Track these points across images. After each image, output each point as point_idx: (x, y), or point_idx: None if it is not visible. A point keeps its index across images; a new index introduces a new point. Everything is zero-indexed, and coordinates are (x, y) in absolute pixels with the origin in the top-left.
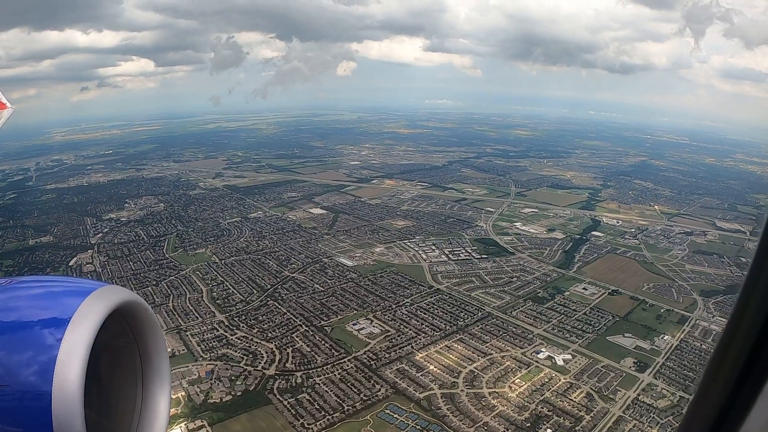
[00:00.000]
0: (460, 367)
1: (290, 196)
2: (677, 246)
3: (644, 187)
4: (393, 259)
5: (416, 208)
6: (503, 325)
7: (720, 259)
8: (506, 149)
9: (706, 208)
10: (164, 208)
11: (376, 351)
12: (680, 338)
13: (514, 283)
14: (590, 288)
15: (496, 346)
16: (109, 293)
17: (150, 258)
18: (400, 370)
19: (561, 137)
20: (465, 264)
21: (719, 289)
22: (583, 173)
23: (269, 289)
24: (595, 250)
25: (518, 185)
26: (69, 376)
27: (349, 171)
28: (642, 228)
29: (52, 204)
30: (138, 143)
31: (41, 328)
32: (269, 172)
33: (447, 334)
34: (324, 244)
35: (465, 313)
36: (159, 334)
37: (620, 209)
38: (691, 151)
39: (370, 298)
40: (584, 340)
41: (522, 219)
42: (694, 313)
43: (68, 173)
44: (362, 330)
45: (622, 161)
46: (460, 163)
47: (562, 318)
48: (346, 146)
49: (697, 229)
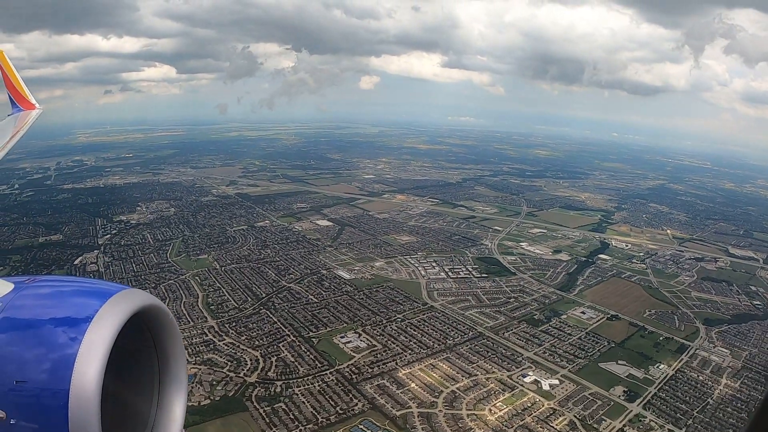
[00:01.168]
0: (442, 387)
1: (299, 206)
2: (685, 272)
3: (659, 211)
4: (392, 274)
5: (423, 224)
6: (493, 347)
7: (729, 287)
8: (523, 168)
9: (721, 234)
10: (174, 213)
11: (359, 365)
12: (676, 368)
13: (511, 303)
14: (589, 312)
15: (483, 367)
16: (131, 296)
17: (153, 261)
18: (380, 385)
19: (581, 158)
20: (463, 282)
21: (724, 318)
22: (598, 195)
23: (264, 298)
24: (600, 273)
25: (530, 205)
26: (87, 376)
27: (362, 184)
28: (651, 252)
29: (66, 204)
30: (159, 148)
31: (62, 328)
32: (283, 182)
33: (434, 352)
34: (325, 256)
35: (456, 332)
36: (178, 341)
37: (631, 232)
38: (711, 175)
39: (362, 312)
40: (575, 365)
41: (529, 239)
42: (695, 342)
43: (87, 174)
44: (349, 343)
45: (639, 184)
46: (475, 180)
47: (555, 342)
48: (362, 160)
49: (709, 255)
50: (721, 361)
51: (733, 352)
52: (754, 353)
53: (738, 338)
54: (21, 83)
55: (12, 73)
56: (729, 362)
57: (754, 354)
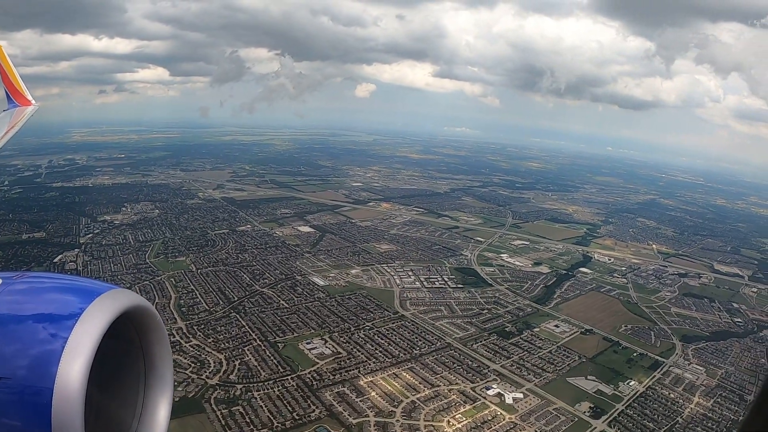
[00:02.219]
0: (403, 397)
1: (283, 212)
2: (667, 287)
3: (647, 226)
4: (366, 282)
5: (405, 233)
6: (459, 358)
7: (710, 304)
8: (514, 180)
9: (707, 250)
10: (158, 215)
11: (321, 372)
12: (647, 385)
13: (484, 315)
14: (562, 325)
15: (447, 378)
16: (119, 296)
17: (131, 261)
18: (340, 393)
19: (573, 171)
20: (438, 292)
21: (702, 335)
22: (586, 208)
23: (235, 302)
24: (579, 286)
25: (516, 216)
26: (72, 374)
27: (349, 192)
28: (634, 267)
29: (53, 202)
30: (152, 150)
31: (48, 325)
32: (270, 188)
33: (399, 361)
34: (302, 262)
35: (423, 342)
36: (165, 342)
37: (616, 246)
38: (703, 191)
39: (331, 318)
40: (542, 379)
41: (510, 251)
42: (670, 358)
43: (77, 173)
44: (314, 349)
45: (629, 198)
46: (463, 191)
47: (524, 355)
48: (353, 167)
49: (693, 271)
50: (695, 379)
51: (708, 369)
52: (730, 371)
53: (715, 356)
54: (18, 79)
55: (9, 69)
56: (703, 380)
57: (730, 372)
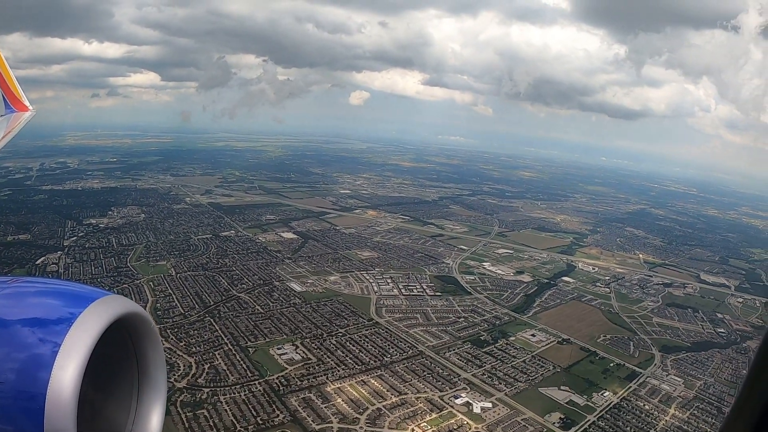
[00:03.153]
0: (369, 404)
1: (268, 218)
2: (650, 297)
3: (635, 235)
4: (344, 288)
5: (388, 241)
6: (430, 366)
7: (694, 314)
8: (504, 189)
9: (695, 259)
10: (143, 219)
11: (289, 377)
12: (622, 396)
13: (460, 323)
14: (539, 335)
15: (415, 386)
16: (114, 303)
17: (112, 265)
18: (306, 399)
19: (565, 181)
20: (415, 300)
21: (683, 346)
22: (575, 217)
23: (211, 306)
24: (560, 296)
25: (502, 225)
26: (65, 380)
27: (336, 199)
28: (618, 276)
29: (41, 204)
30: (144, 154)
31: (42, 330)
32: (258, 194)
33: (368, 368)
34: (282, 267)
35: (395, 349)
36: (159, 349)
37: (601, 256)
38: (695, 201)
39: (304, 324)
40: (513, 389)
41: (493, 259)
42: (647, 369)
43: (67, 176)
44: (284, 355)
45: (620, 208)
46: (452, 199)
47: (497, 364)
48: (343, 175)
49: (678, 280)
50: (672, 390)
51: (686, 381)
52: (709, 383)
53: (695, 367)
54: (15, 84)
55: (7, 74)
56: (680, 392)
57: (709, 384)
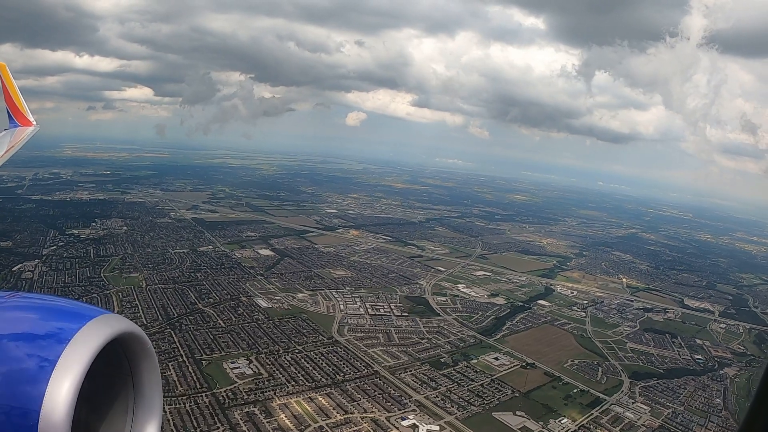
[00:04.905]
0: (312, 421)
1: (249, 235)
2: (628, 322)
3: (621, 259)
4: (310, 306)
5: (365, 260)
6: (383, 386)
7: (672, 340)
8: (494, 212)
9: (681, 284)
10: (125, 231)
11: (237, 391)
12: (581, 423)
13: (422, 344)
14: (503, 358)
15: (363, 406)
16: (111, 321)
17: (85, 275)
18: (249, 413)
19: (558, 205)
20: (380, 319)
21: (655, 372)
22: (562, 241)
23: (174, 318)
24: (532, 319)
25: (486, 248)
26: (60, 397)
27: (321, 218)
28: (597, 300)
29: (27, 213)
30: (139, 168)
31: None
32: (243, 211)
33: (319, 386)
34: (252, 283)
35: (350, 368)
36: (155, 369)
37: (583, 279)
38: (689, 226)
39: (263, 340)
40: (465, 412)
41: (469, 281)
42: (613, 396)
43: (58, 187)
44: (236, 369)
45: (610, 232)
46: (438, 221)
47: (453, 386)
48: (333, 194)
49: (660, 305)
50: (637, 419)
51: (653, 409)
52: (678, 411)
53: (665, 394)
54: (20, 98)
55: (12, 88)
56: (645, 420)
57: (678, 412)
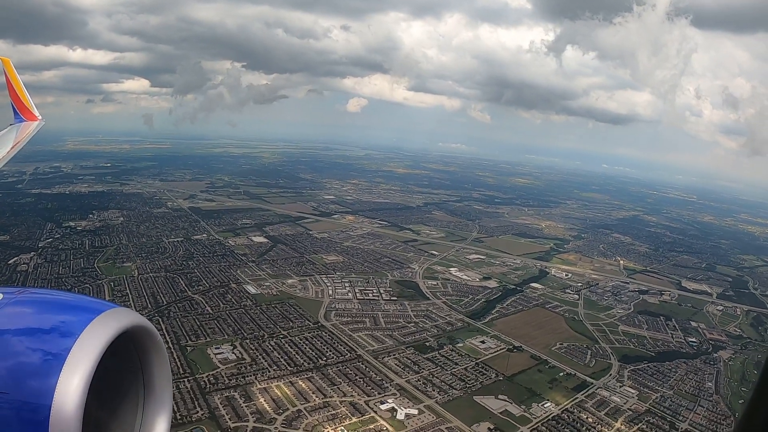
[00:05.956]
0: (290, 405)
1: (244, 223)
2: (622, 304)
3: (620, 242)
4: (299, 291)
5: (358, 246)
6: (364, 370)
7: (666, 322)
8: (494, 195)
9: (680, 266)
10: (121, 222)
11: (219, 376)
12: (565, 407)
13: (408, 328)
14: (489, 342)
15: (343, 390)
16: (120, 315)
17: (79, 266)
18: (229, 397)
19: (560, 188)
20: (368, 304)
21: (645, 356)
22: (561, 224)
23: (163, 306)
24: (524, 302)
25: (482, 231)
26: (70, 392)
27: (318, 204)
28: (592, 283)
29: (27, 207)
30: (140, 159)
31: (48, 341)
32: (240, 199)
33: (300, 370)
34: (243, 270)
35: (333, 352)
36: (165, 362)
37: (579, 262)
38: (693, 208)
39: (248, 326)
40: (446, 396)
41: (462, 264)
42: (600, 380)
43: (58, 181)
44: (220, 355)
45: (611, 214)
46: (436, 205)
47: (437, 370)
48: (333, 181)
49: (656, 287)
50: (623, 403)
51: (641, 393)
52: (666, 395)
53: (655, 378)
54: (25, 93)
55: (17, 83)
56: (632, 404)
57: (667, 396)
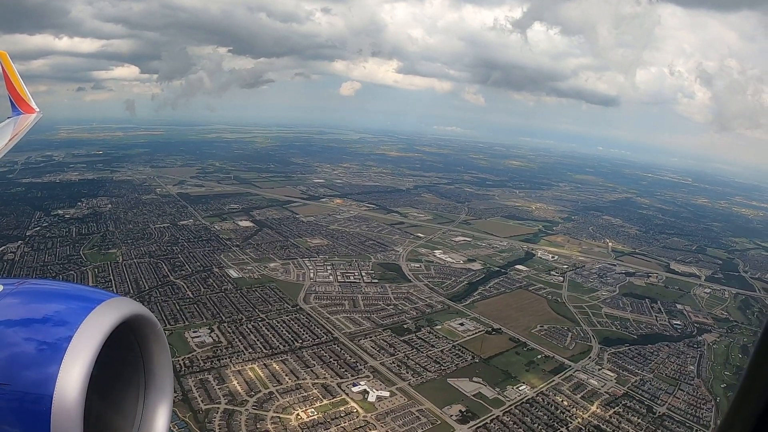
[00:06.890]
0: (262, 387)
1: (231, 207)
2: (607, 287)
3: (610, 224)
4: (281, 275)
5: (344, 228)
6: (339, 352)
7: (651, 305)
8: (486, 178)
9: (669, 248)
10: (109, 209)
11: (194, 359)
12: (540, 390)
13: (387, 310)
14: (468, 324)
15: (316, 372)
16: (120, 305)
17: (65, 253)
18: (202, 380)
19: (553, 170)
20: (348, 287)
21: (627, 338)
22: (551, 206)
23: (145, 291)
24: (507, 284)
25: (471, 213)
26: (71, 382)
27: (307, 188)
28: (578, 265)
29: (17, 196)
30: (132, 146)
31: (48, 332)
32: (230, 184)
33: (275, 353)
34: (226, 255)
35: (309, 334)
36: (165, 351)
37: (567, 244)
38: (688, 191)
39: (227, 309)
40: (419, 378)
41: (447, 247)
42: (579, 363)
43: (49, 169)
44: (197, 338)
45: (603, 197)
46: (426, 188)
47: (412, 353)
48: (323, 165)
49: (644, 270)
50: (600, 386)
51: (620, 376)
52: (646, 379)
53: (635, 361)
54: (22, 86)
55: (14, 76)
56: (610, 388)
57: (646, 380)
